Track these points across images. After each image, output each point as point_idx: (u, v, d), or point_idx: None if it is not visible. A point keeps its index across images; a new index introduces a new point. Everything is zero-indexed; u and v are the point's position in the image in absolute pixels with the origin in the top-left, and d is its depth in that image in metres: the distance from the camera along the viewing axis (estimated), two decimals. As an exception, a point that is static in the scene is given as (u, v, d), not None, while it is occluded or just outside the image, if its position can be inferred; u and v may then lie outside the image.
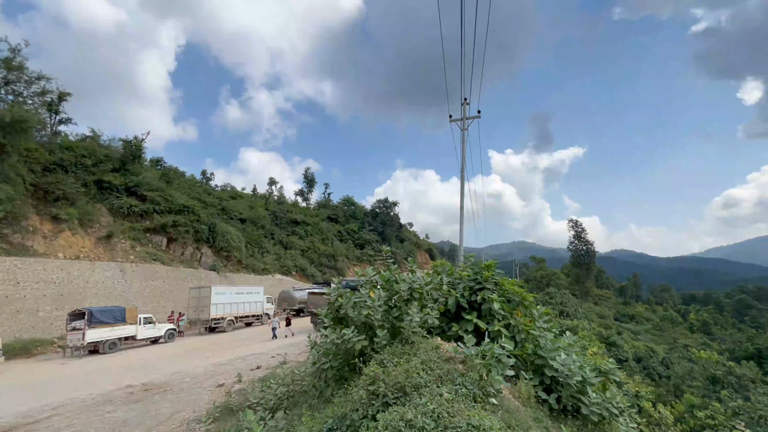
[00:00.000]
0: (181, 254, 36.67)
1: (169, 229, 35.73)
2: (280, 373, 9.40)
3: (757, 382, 31.64)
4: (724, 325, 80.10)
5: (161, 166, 47.65)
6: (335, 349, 6.46)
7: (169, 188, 38.95)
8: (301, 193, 79.81)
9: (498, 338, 6.40)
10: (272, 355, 17.64)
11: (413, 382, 4.60)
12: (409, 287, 6.98)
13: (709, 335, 73.15)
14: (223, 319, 29.73)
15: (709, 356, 40.77)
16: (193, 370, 15.62)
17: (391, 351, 5.74)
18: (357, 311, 6.58)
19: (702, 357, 41.29)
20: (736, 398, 25.94)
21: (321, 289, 31.49)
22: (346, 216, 77.73)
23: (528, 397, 5.51)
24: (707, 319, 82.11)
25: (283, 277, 48.15)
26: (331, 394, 6.28)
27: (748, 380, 31.95)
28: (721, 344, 59.56)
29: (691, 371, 38.47)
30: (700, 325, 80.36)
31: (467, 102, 18.56)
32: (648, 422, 10.61)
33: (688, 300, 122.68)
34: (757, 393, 24.93)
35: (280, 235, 55.81)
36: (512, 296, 7.70)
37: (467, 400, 4.26)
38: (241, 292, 32.06)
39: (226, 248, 40.36)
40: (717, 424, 21.17)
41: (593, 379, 6.12)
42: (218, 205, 47.82)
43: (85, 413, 10.63)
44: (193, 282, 34.16)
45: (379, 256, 10.76)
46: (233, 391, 11.10)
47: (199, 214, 39.01)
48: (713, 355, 41.06)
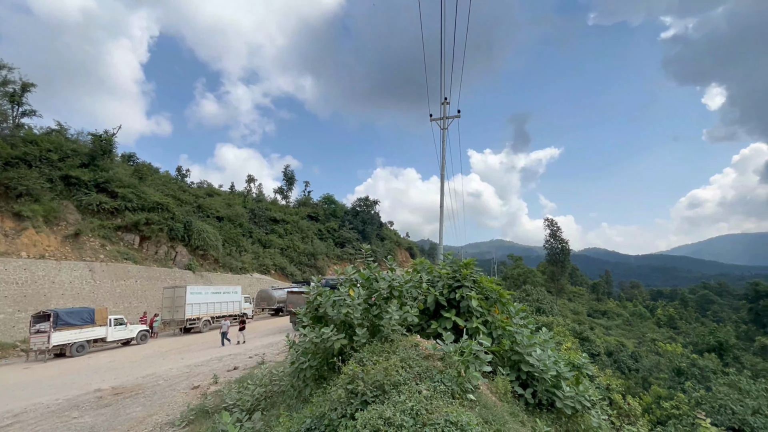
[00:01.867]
0: (155, 253, 35.53)
1: (142, 227, 34.55)
2: (258, 374, 9.25)
3: (717, 372, 33.41)
4: (688, 320, 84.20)
5: (133, 161, 46.05)
6: (314, 348, 6.39)
7: (141, 185, 37.65)
8: (281, 191, 78.84)
9: (476, 335, 6.49)
10: (250, 355, 17.33)
11: (392, 379, 4.60)
12: (389, 285, 6.98)
13: (674, 329, 76.76)
14: (199, 319, 29.00)
15: (674, 349, 42.78)
16: (167, 372, 15.15)
17: (371, 349, 5.73)
18: (336, 310, 6.53)
19: (668, 350, 43.29)
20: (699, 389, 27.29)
21: (300, 288, 31.16)
22: (326, 214, 77.25)
23: (505, 393, 5.60)
24: (673, 314, 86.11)
25: (262, 276, 47.44)
26: (310, 393, 6.21)
27: (710, 371, 33.69)
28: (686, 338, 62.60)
29: (658, 364, 40.27)
30: (667, 319, 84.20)
31: (447, 101, 18.72)
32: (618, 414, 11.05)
33: (655, 296, 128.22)
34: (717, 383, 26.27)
35: (258, 233, 54.95)
36: (490, 294, 7.82)
37: (445, 397, 4.30)
38: (217, 292, 31.33)
39: (203, 247, 39.40)
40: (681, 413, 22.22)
41: (567, 373, 6.28)
42: (194, 203, 46.76)
43: (49, 419, 10.15)
44: (168, 282, 33.19)
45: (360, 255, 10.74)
46: (209, 392, 10.84)
47: (173, 212, 37.89)
48: (678, 348, 43.10)
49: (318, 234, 68.35)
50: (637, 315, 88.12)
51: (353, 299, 6.49)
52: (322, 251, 62.44)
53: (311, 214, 74.14)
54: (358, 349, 5.93)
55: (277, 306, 37.03)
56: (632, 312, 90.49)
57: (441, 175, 18.62)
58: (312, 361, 6.40)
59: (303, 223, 66.32)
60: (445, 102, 18.64)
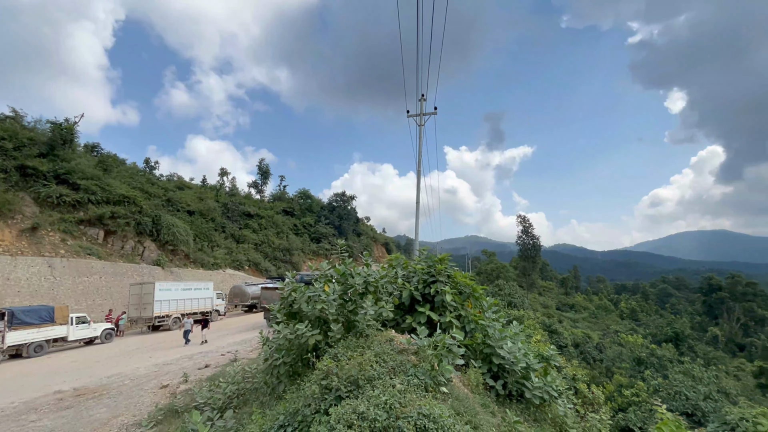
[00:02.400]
0: (121, 248, 34.05)
1: (107, 221, 32.98)
2: (230, 371, 9.07)
3: (674, 361, 35.56)
4: (648, 312, 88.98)
5: (97, 152, 43.72)
6: (288, 345, 6.33)
7: (106, 177, 35.84)
8: (255, 185, 77.29)
9: (449, 329, 6.61)
10: (222, 352, 16.96)
11: (366, 374, 4.62)
12: (364, 281, 7.00)
13: (636, 321, 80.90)
14: (169, 316, 28.14)
15: (635, 340, 45.12)
16: (134, 371, 14.61)
17: (345, 345, 5.74)
18: (311, 305, 6.49)
19: (629, 341, 45.61)
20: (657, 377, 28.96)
21: (274, 284, 30.72)
22: (302, 209, 76.35)
23: (476, 385, 5.75)
24: (635, 307, 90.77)
25: (235, 272, 46.45)
26: (284, 390, 6.16)
27: (667, 360, 35.80)
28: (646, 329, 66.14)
29: (621, 354, 42.40)
30: (629, 312, 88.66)
31: (424, 98, 18.82)
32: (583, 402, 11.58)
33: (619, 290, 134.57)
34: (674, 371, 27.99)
35: (231, 228, 53.77)
36: (464, 288, 7.98)
37: (419, 390, 4.36)
38: (188, 288, 30.47)
39: (172, 242, 38.11)
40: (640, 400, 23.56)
41: (536, 365, 6.52)
42: (163, 196, 45.08)
43: (4, 424, 9.58)
44: (135, 278, 31.90)
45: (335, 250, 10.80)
46: (178, 391, 10.55)
47: (141, 205, 36.39)
48: (639, 339, 45.50)
49: (293, 229, 67.53)
50: (602, 308, 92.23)
51: (328, 295, 6.47)
52: (297, 247, 61.80)
53: (286, 208, 73.11)
54: (333, 345, 5.93)
55: (251, 302, 36.49)
56: (598, 305, 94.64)
57: (417, 171, 18.75)
58: (286, 357, 6.34)
59: (278, 218, 65.34)
60: (422, 98, 18.74)
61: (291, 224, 68.14)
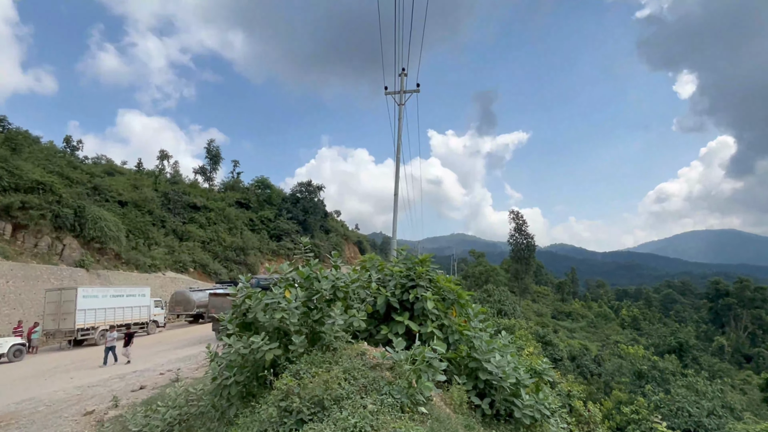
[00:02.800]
0: (34, 246, 32.75)
1: (16, 213, 31.60)
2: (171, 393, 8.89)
3: (677, 374, 37.54)
4: (651, 320, 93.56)
5: (4, 127, 41.77)
6: (241, 361, 6.28)
7: (15, 158, 34.30)
8: (203, 171, 75.98)
9: (430, 340, 6.72)
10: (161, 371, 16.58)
11: (333, 394, 4.65)
12: (333, 285, 7.00)
13: (638, 330, 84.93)
14: (95, 329, 27.24)
15: (636, 351, 47.33)
16: (51, 395, 14.07)
17: (309, 360, 5.75)
18: (269, 315, 6.45)
19: (630, 353, 47.80)
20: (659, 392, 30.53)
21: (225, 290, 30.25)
22: (259, 201, 75.56)
23: (460, 404, 5.88)
24: (637, 315, 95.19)
25: (178, 276, 45.79)
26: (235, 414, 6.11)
27: (669, 373, 37.75)
28: (648, 339, 69.60)
29: (620, 367, 44.40)
30: (631, 320, 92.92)
31: (405, 73, 18.89)
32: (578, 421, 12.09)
33: (621, 295, 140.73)
34: (676, 385, 29.61)
35: (173, 222, 52.94)
36: (448, 294, 8.10)
37: (394, 411, 4.43)
38: (119, 295, 29.68)
39: (100, 239, 37.04)
40: (640, 418, 24.79)
41: (527, 380, 6.73)
42: (88, 183, 44.07)
43: None
44: (52, 282, 30.87)
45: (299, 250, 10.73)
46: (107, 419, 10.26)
47: (60, 194, 35.23)
48: (640, 350, 47.78)
49: (249, 224, 67.20)
50: (601, 316, 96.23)
51: (290, 302, 6.44)
52: (253, 245, 61.62)
53: (241, 200, 72.31)
54: (295, 361, 5.93)
55: (197, 311, 35.94)
56: (597, 313, 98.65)
57: (396, 157, 18.83)
58: (238, 375, 6.28)
59: (230, 210, 64.91)
60: (403, 73, 18.79)
61: (246, 219, 67.82)
